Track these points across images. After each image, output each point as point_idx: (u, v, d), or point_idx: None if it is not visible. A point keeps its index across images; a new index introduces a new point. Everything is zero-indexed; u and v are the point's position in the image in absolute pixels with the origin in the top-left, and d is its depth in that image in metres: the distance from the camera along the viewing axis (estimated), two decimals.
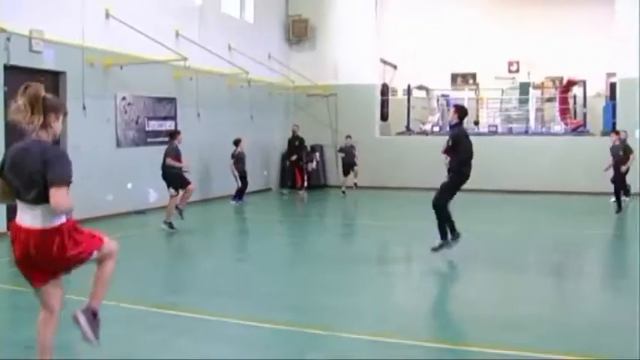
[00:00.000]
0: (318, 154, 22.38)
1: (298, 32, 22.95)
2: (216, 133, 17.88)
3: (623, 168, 15.54)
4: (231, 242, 12.99)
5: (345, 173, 20.28)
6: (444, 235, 9.89)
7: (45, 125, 4.35)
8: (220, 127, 18.04)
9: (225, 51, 18.39)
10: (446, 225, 9.82)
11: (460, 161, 9.72)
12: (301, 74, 21.93)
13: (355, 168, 20.09)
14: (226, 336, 6.13)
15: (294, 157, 20.35)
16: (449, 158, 9.87)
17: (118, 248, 4.71)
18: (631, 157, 15.79)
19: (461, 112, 10.11)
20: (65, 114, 4.55)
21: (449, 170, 9.86)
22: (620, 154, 15.58)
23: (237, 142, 17.45)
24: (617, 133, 16.31)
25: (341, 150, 20.53)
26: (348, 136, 20.46)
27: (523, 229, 13.45)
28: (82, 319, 4.54)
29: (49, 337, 4.54)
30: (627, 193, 17.36)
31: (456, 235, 9.89)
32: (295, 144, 20.32)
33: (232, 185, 17.57)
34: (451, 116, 10.19)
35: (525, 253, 11.16)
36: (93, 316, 4.59)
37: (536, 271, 9.83)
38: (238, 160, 17.40)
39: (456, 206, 9.94)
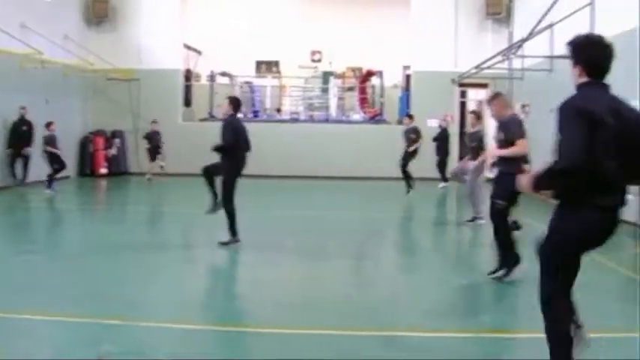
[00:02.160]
0: (118, 140, 21.74)
1: (99, 13, 22.07)
2: (7, 117, 16.77)
3: (411, 149, 16.58)
4: (21, 233, 12.13)
5: (152, 159, 19.85)
6: (215, 196, 9.90)
7: None
8: (11, 111, 16.93)
9: (16, 29, 17.21)
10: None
11: (232, 153, 9.73)
12: (101, 57, 21.12)
13: (161, 152, 19.78)
14: (15, 331, 5.76)
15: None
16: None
17: None
18: (420, 141, 16.80)
19: (235, 103, 10.21)
20: None
21: (223, 161, 9.84)
22: (412, 137, 16.60)
23: (48, 125, 16.51)
24: (410, 117, 17.40)
25: (147, 136, 20.03)
26: (154, 121, 20.02)
27: (323, 214, 13.86)
28: None
29: None
30: (445, 179, 18.53)
31: (235, 238, 9.80)
32: (23, 128, 17.13)
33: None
34: (226, 108, 10.11)
35: (324, 237, 11.42)
36: None
37: (335, 254, 10.10)
38: (50, 143, 16.46)
39: (259, 191, 10.02)
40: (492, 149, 7.56)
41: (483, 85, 21.51)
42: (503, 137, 7.73)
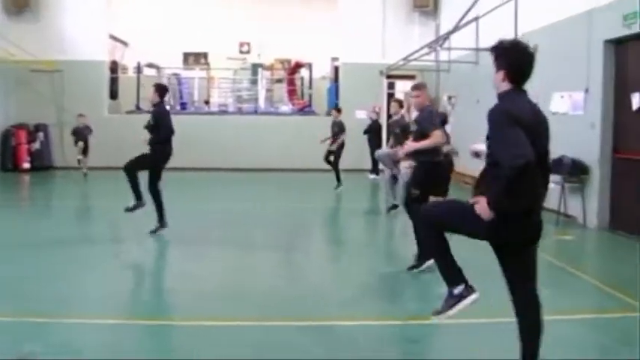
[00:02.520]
0: (42, 134, 21.15)
1: (19, 2, 21.32)
2: None
3: (332, 147, 16.55)
4: None
5: (85, 152, 19.44)
6: (138, 197, 10.17)
7: None
8: None
9: None
10: (139, 187, 10.10)
11: (161, 139, 9.95)
12: (23, 48, 20.49)
13: (87, 151, 19.35)
14: None
15: None
16: (150, 136, 10.08)
17: None
18: (342, 135, 16.70)
19: (161, 91, 10.33)
20: None
21: (150, 148, 10.07)
22: (335, 130, 16.60)
23: None
24: (339, 110, 17.40)
25: (74, 132, 19.52)
26: (80, 115, 19.55)
27: (251, 206, 13.84)
28: None
29: None
30: (377, 171, 18.58)
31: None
32: None
33: None
34: (152, 96, 10.28)
35: (252, 229, 11.42)
36: None
37: (262, 246, 10.12)
38: None
39: (187, 184, 9.95)
40: (409, 144, 7.77)
41: (411, 77, 21.69)
42: (417, 129, 7.94)
